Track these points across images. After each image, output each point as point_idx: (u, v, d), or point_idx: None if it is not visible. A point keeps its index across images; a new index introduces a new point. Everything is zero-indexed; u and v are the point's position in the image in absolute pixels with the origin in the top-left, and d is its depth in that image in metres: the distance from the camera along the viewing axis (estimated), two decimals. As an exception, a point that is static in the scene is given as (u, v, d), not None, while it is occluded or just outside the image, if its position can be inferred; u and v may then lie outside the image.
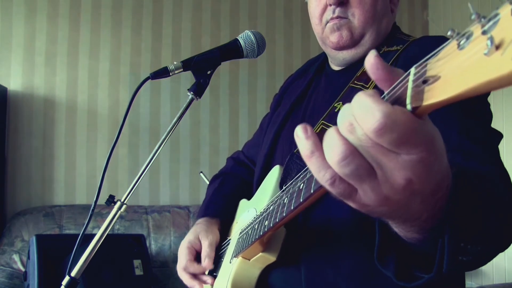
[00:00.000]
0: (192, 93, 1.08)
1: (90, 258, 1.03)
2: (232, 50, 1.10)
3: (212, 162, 3.06)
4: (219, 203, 1.21)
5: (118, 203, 1.06)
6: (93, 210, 1.05)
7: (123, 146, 2.94)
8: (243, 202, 1.18)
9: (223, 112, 3.15)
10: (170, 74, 1.06)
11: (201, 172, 2.45)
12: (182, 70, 1.06)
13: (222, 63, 1.10)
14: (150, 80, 1.06)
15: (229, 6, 3.21)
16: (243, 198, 1.19)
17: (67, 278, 1.01)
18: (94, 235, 1.03)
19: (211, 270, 1.08)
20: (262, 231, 0.81)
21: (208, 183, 1.39)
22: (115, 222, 1.05)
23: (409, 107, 0.40)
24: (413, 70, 0.41)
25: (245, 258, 0.94)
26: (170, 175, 3.03)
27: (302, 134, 0.47)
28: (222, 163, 1.56)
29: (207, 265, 1.06)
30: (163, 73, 1.06)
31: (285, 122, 1.15)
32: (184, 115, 1.09)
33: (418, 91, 0.39)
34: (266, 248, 0.90)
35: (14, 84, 2.82)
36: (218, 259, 1.09)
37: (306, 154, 0.47)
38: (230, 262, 0.99)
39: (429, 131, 0.42)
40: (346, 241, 0.90)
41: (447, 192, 0.50)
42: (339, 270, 0.88)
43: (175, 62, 1.06)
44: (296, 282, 0.91)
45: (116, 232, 2.61)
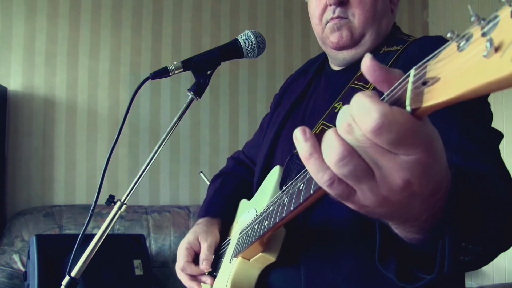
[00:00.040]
0: (192, 93, 1.07)
1: (90, 258, 1.03)
2: (232, 50, 1.10)
3: (212, 162, 3.06)
4: (220, 204, 1.21)
5: (118, 203, 1.05)
6: (93, 210, 1.05)
7: (123, 146, 2.94)
8: (243, 202, 1.18)
9: (223, 112, 3.15)
10: (170, 74, 1.06)
11: (201, 172, 2.45)
12: (182, 70, 1.06)
13: (222, 63, 1.10)
14: (150, 80, 1.06)
15: (229, 6, 3.21)
16: (244, 198, 1.19)
17: (67, 278, 1.01)
18: (94, 235, 1.03)
19: (211, 270, 1.08)
20: (262, 231, 0.81)
21: (208, 183, 1.39)
22: (115, 222, 1.05)
23: (408, 109, 0.40)
24: (413, 72, 0.41)
25: (245, 258, 0.94)
26: (170, 175, 3.02)
27: (300, 137, 0.47)
28: (222, 163, 1.56)
29: (205, 268, 1.06)
30: (163, 73, 1.06)
31: (285, 122, 1.15)
32: (184, 115, 1.09)
33: (418, 93, 0.39)
34: (266, 248, 0.90)
35: (14, 84, 2.82)
36: (218, 259, 1.09)
37: (305, 156, 0.47)
38: (230, 262, 0.99)
39: (428, 132, 0.42)
40: (346, 241, 0.90)
41: (447, 192, 0.50)
42: (339, 270, 0.88)
43: (175, 62, 1.06)
44: (295, 282, 0.91)
45: (116, 232, 2.61)
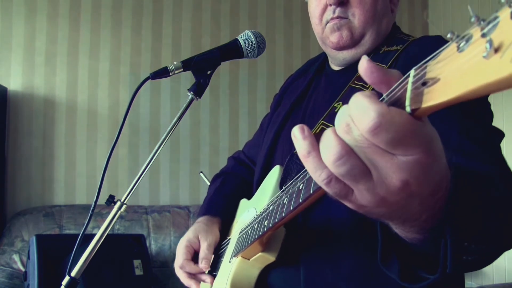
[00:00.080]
0: (192, 93, 1.08)
1: (90, 258, 1.03)
2: (232, 50, 1.10)
3: (212, 162, 3.06)
4: (220, 203, 1.21)
5: (118, 203, 1.06)
6: (93, 210, 1.05)
7: (123, 146, 2.94)
8: (243, 202, 1.18)
9: (223, 112, 3.15)
10: (170, 74, 1.06)
11: (201, 172, 2.45)
12: (182, 70, 1.06)
13: (222, 63, 1.10)
14: (150, 80, 1.06)
15: (229, 6, 3.21)
16: (244, 197, 1.19)
17: (67, 278, 1.01)
18: (94, 235, 1.03)
19: (211, 269, 1.08)
20: (262, 231, 0.81)
21: (208, 183, 1.39)
22: (115, 222, 1.05)
23: (408, 109, 0.40)
24: (412, 72, 0.41)
25: (244, 257, 0.94)
26: (170, 175, 3.03)
27: (299, 135, 0.47)
28: (222, 163, 1.56)
29: (204, 267, 1.06)
30: (163, 73, 1.06)
31: (285, 122, 1.15)
32: (184, 115, 1.09)
33: (418, 93, 0.39)
34: (266, 248, 0.90)
35: (14, 84, 2.82)
36: (218, 259, 1.09)
37: (303, 154, 0.47)
38: (229, 262, 0.99)
39: (427, 133, 0.42)
40: (346, 241, 0.89)
41: (446, 192, 0.50)
42: (339, 270, 0.88)
43: (175, 62, 1.06)
44: (295, 282, 0.91)
45: (116, 232, 2.61)
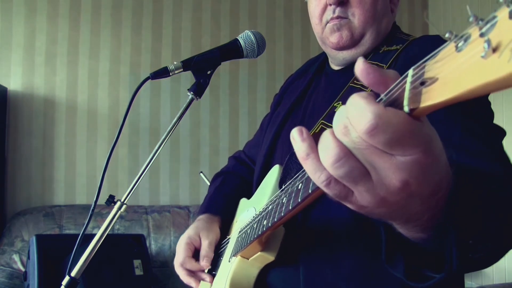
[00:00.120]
0: (192, 93, 1.08)
1: (90, 258, 1.03)
2: (232, 50, 1.10)
3: (212, 162, 3.06)
4: (220, 202, 1.21)
5: (118, 203, 1.06)
6: (93, 210, 1.05)
7: (123, 146, 2.94)
8: (243, 201, 1.18)
9: (223, 112, 3.15)
10: (170, 74, 1.06)
11: (201, 172, 2.45)
12: (182, 70, 1.06)
13: (222, 63, 1.10)
14: (150, 80, 1.06)
15: (229, 6, 3.21)
16: (244, 197, 1.19)
17: (67, 278, 1.01)
18: (94, 235, 1.03)
19: (211, 269, 1.08)
20: (261, 231, 0.81)
21: (208, 183, 1.39)
22: (115, 222, 1.05)
23: (406, 109, 0.40)
24: (411, 72, 0.41)
25: (243, 257, 0.93)
26: (170, 175, 3.03)
27: (297, 137, 0.47)
28: (222, 163, 1.57)
29: (205, 265, 1.06)
30: (163, 73, 1.06)
31: (284, 122, 1.16)
32: (184, 115, 1.09)
33: (416, 93, 0.39)
34: (265, 247, 0.90)
35: (14, 84, 2.83)
36: (217, 258, 1.09)
37: (302, 156, 0.47)
38: (229, 261, 0.99)
39: (426, 133, 0.42)
40: (346, 241, 0.89)
41: (448, 192, 0.50)
42: (339, 270, 0.88)
43: (175, 62, 1.06)
44: (294, 282, 0.90)
45: (116, 232, 2.61)
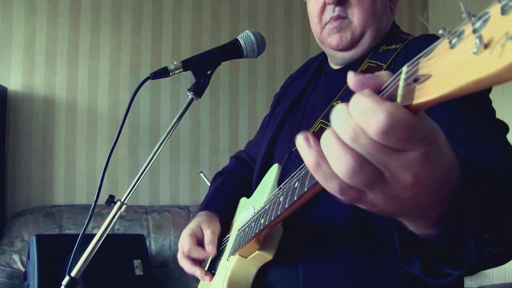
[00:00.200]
0: (192, 93, 1.08)
1: (90, 258, 1.03)
2: (232, 50, 1.10)
3: (212, 162, 3.07)
4: (220, 201, 1.21)
5: (118, 203, 1.06)
6: (93, 210, 1.05)
7: (123, 146, 2.95)
8: (243, 201, 1.18)
9: (223, 112, 3.15)
10: (170, 74, 1.06)
11: (201, 172, 2.45)
12: (182, 70, 1.07)
13: (222, 63, 1.10)
14: (150, 80, 1.06)
15: (229, 6, 3.21)
16: (244, 196, 1.19)
17: (67, 278, 1.01)
18: (94, 235, 1.04)
19: (210, 267, 1.08)
20: (258, 229, 0.81)
21: (208, 183, 1.39)
22: (115, 222, 1.06)
23: None
24: (405, 69, 0.41)
25: (242, 256, 0.94)
26: (170, 175, 3.03)
27: (304, 144, 0.46)
28: (222, 163, 1.57)
29: (211, 250, 1.04)
30: (163, 73, 1.06)
31: (284, 121, 1.16)
32: (184, 115, 1.09)
33: (409, 90, 0.39)
34: (263, 246, 0.90)
35: (14, 84, 2.83)
36: (217, 257, 1.09)
37: (312, 166, 0.46)
38: (227, 260, 0.99)
39: (428, 124, 0.42)
40: (346, 241, 0.89)
41: (456, 185, 0.49)
42: (338, 270, 0.88)
43: (175, 62, 1.06)
44: (294, 281, 0.90)
45: (116, 232, 2.61)
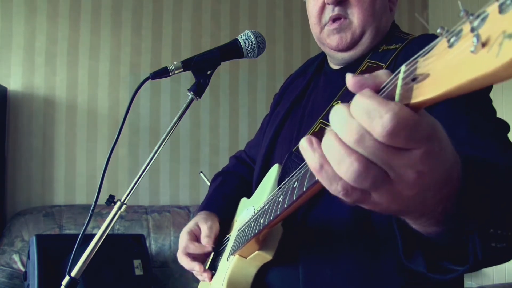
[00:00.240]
0: (192, 93, 1.08)
1: (90, 258, 1.03)
2: (232, 50, 1.10)
3: (212, 162, 3.06)
4: (219, 202, 1.21)
5: (118, 203, 1.06)
6: (93, 210, 1.05)
7: (123, 146, 2.95)
8: (243, 201, 1.18)
9: (223, 112, 3.15)
10: (170, 74, 1.06)
11: (201, 172, 2.45)
12: (182, 70, 1.07)
13: (222, 63, 1.10)
14: (150, 80, 1.06)
15: (229, 6, 3.21)
16: (243, 197, 1.19)
17: (67, 278, 1.01)
18: (94, 235, 1.04)
19: (210, 267, 1.08)
20: (258, 229, 0.81)
21: (208, 183, 1.39)
22: (115, 222, 1.06)
23: None
24: (403, 68, 0.41)
25: (241, 256, 0.94)
26: (170, 175, 3.03)
27: (308, 147, 0.46)
28: (222, 163, 1.57)
29: (207, 243, 1.05)
30: (163, 73, 1.06)
31: (284, 121, 1.16)
32: (184, 115, 1.09)
33: (407, 89, 0.39)
34: (263, 246, 0.90)
35: (14, 84, 2.83)
36: (217, 257, 1.10)
37: (315, 168, 0.46)
38: (227, 260, 0.99)
39: (430, 121, 0.42)
40: (346, 241, 0.89)
41: (458, 181, 0.49)
42: (338, 270, 0.88)
43: (175, 62, 1.06)
44: (294, 281, 0.90)
45: (116, 232, 2.61)
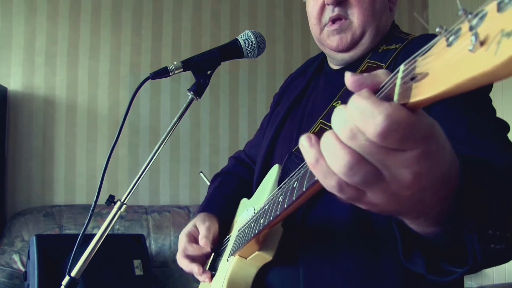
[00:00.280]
0: (192, 93, 1.08)
1: (90, 258, 1.03)
2: (232, 50, 1.10)
3: (212, 162, 3.07)
4: (219, 202, 1.21)
5: (118, 203, 1.06)
6: (93, 210, 1.05)
7: (123, 146, 2.95)
8: (244, 201, 1.18)
9: (223, 112, 3.15)
10: (170, 74, 1.06)
11: (201, 172, 2.45)
12: (182, 70, 1.07)
13: (222, 63, 1.10)
14: (150, 80, 1.06)
15: (229, 6, 3.21)
16: (243, 197, 1.19)
17: (67, 278, 1.01)
18: (94, 235, 1.04)
19: (210, 268, 1.08)
20: (258, 229, 0.81)
21: (208, 183, 1.39)
22: (115, 222, 1.06)
23: None
24: (402, 67, 0.41)
25: (242, 256, 0.94)
26: (170, 175, 3.03)
27: (306, 143, 0.46)
28: (222, 163, 1.57)
29: (205, 244, 1.05)
30: (163, 73, 1.06)
31: (284, 121, 1.16)
32: (184, 115, 1.09)
33: (406, 88, 0.39)
34: (263, 246, 0.90)
35: (14, 84, 2.83)
36: (217, 257, 1.09)
37: (311, 162, 0.46)
38: (227, 260, 0.99)
39: (427, 122, 0.41)
40: (346, 241, 0.89)
41: (457, 182, 0.49)
42: (338, 270, 0.88)
43: (175, 62, 1.06)
44: (294, 281, 0.90)
45: (116, 232, 2.61)
